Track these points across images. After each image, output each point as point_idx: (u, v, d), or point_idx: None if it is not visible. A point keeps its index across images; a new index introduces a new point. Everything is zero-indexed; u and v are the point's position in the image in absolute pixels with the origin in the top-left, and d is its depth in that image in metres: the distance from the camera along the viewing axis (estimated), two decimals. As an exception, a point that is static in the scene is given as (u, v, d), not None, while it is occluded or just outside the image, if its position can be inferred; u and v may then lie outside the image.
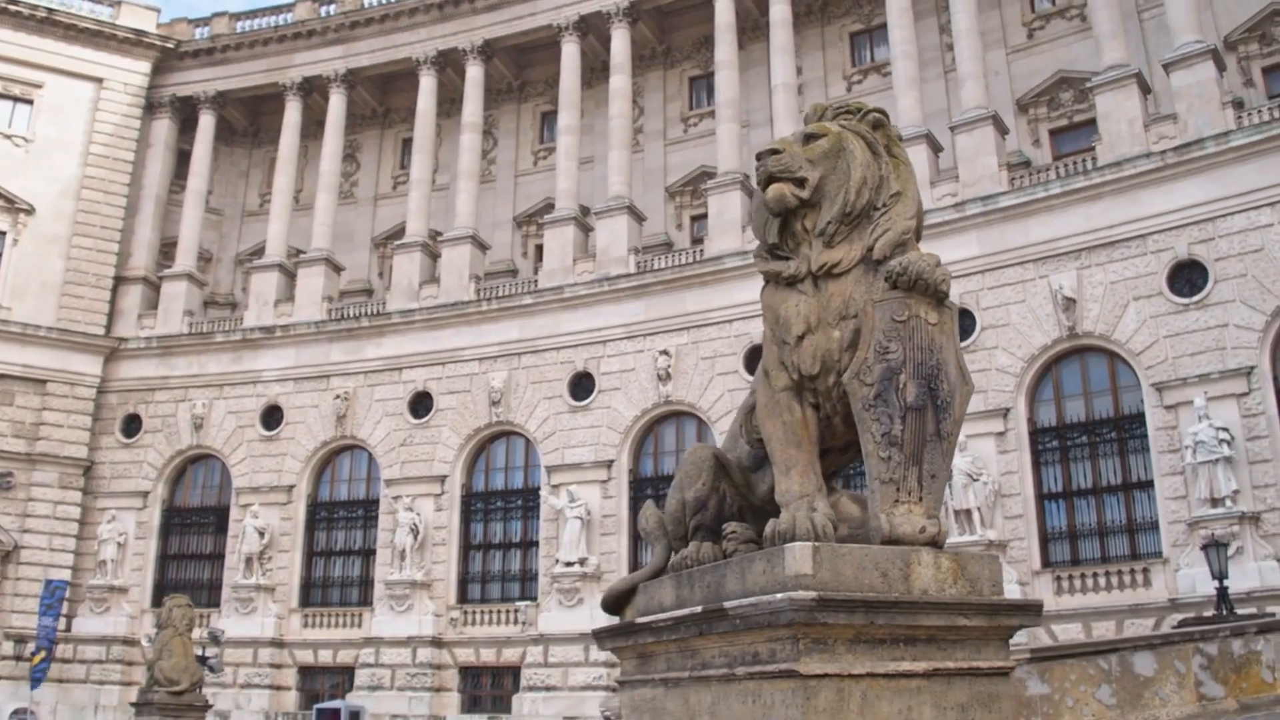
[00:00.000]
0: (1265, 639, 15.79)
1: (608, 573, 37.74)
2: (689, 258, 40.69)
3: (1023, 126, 40.07)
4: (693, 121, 46.69)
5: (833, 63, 44.41)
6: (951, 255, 35.28)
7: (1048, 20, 40.99)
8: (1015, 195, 35.52)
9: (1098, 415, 33.75)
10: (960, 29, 38.42)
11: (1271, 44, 36.27)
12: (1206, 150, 32.63)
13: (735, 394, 37.85)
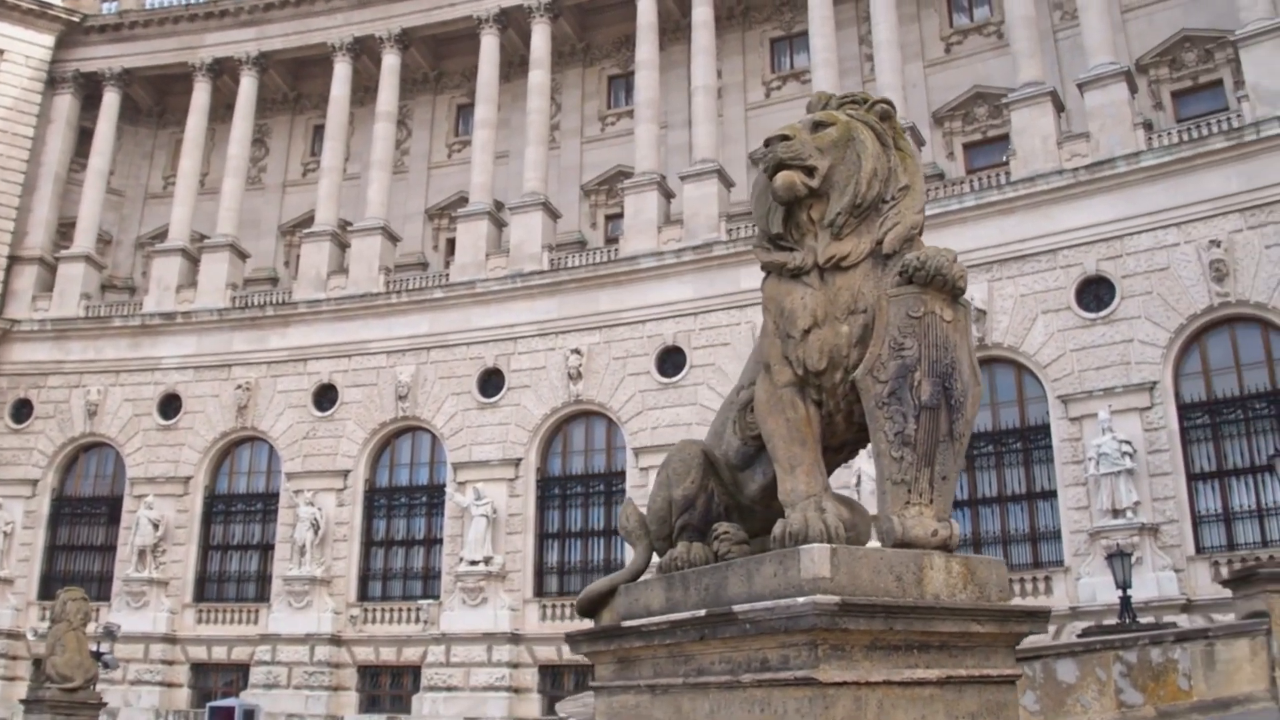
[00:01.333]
0: (1182, 648, 16.07)
1: (512, 572, 37.36)
2: (603, 257, 40.44)
3: (938, 139, 40.56)
4: (610, 120, 46.45)
5: (753, 67, 44.51)
6: (866, 264, 35.94)
7: (965, 36, 41.57)
8: (930, 206, 35.74)
9: (1004, 425, 34.23)
10: (880, 40, 38.78)
11: (1181, 69, 37.18)
12: (1117, 169, 33.33)
13: (646, 394, 37.76)
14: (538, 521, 38.52)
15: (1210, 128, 32.93)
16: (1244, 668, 16.02)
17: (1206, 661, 16.05)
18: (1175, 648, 15.91)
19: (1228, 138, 32.12)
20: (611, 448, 38.82)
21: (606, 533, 37.92)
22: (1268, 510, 30.18)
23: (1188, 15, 36.96)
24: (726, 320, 37.49)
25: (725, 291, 37.76)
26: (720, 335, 37.43)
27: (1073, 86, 36.25)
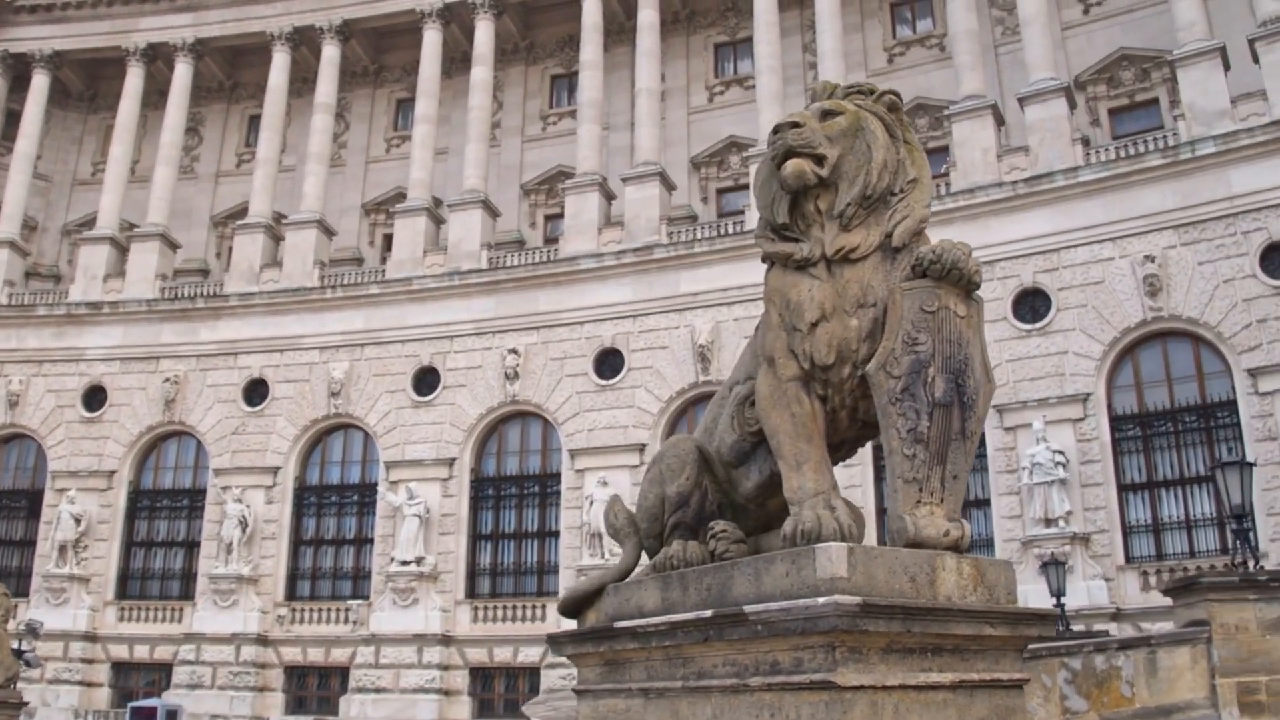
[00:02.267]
0: (1126, 655, 16.19)
1: (444, 573, 36.93)
2: (543, 257, 40.13)
3: (878, 149, 40.72)
4: (552, 120, 46.17)
5: (696, 72, 44.50)
6: (807, 270, 36.06)
7: (908, 47, 41.90)
8: (870, 214, 35.96)
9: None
10: (825, 49, 38.92)
11: (1118, 86, 37.76)
12: (1056, 183, 33.76)
13: (584, 396, 37.54)
14: (471, 522, 38.12)
15: (1147, 145, 33.47)
16: (1185, 675, 16.19)
17: (1149, 669, 16.19)
18: (1119, 655, 16.04)
19: (1164, 155, 32.66)
20: (547, 449, 38.54)
21: (541, 534, 37.64)
22: (1195, 522, 30.70)
23: (1126, 34, 37.57)
24: (666, 323, 37.41)
25: (665, 295, 37.69)
26: (659, 338, 37.33)
27: (1013, 100, 36.70)
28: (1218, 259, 31.15)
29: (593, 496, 35.48)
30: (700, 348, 36.42)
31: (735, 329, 36.42)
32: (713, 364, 36.32)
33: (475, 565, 37.79)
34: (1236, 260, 30.91)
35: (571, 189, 40.53)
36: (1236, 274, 30.82)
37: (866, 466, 32.31)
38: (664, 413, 36.82)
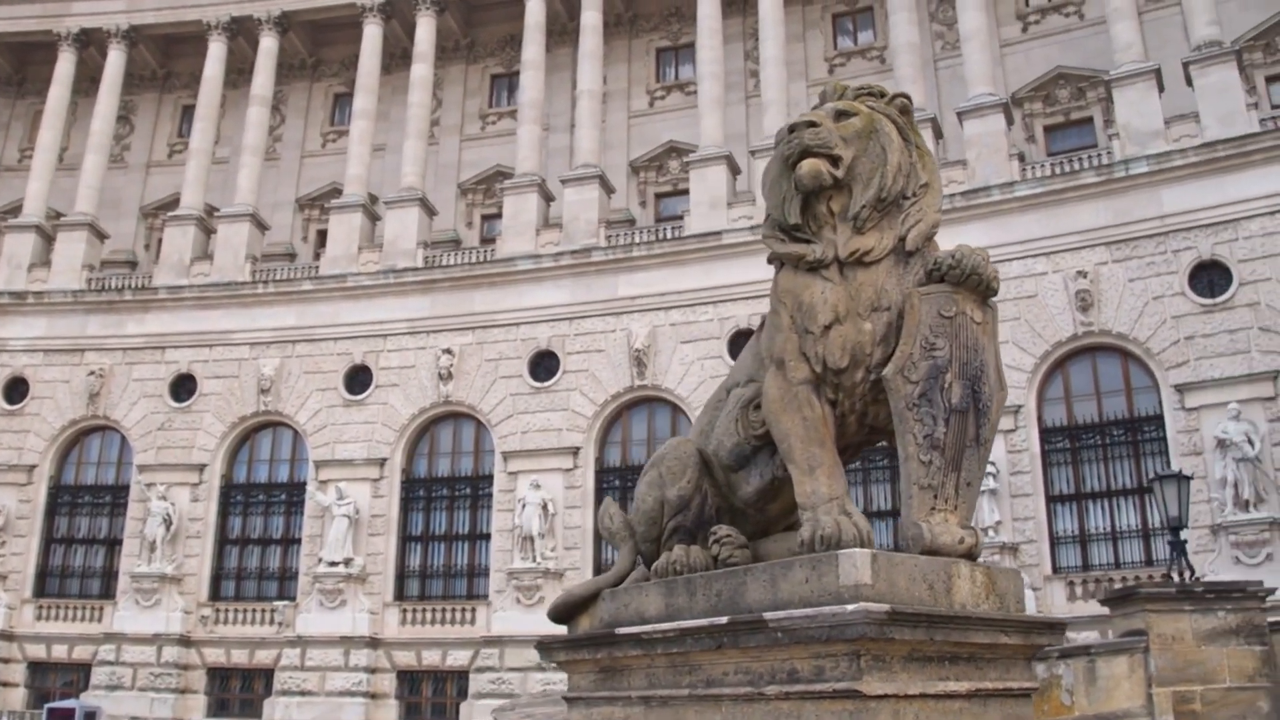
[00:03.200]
0: (1066, 664, 16.39)
1: (373, 574, 36.44)
2: (479, 256, 39.80)
3: (817, 159, 40.97)
4: (491, 120, 45.84)
5: (637, 76, 44.46)
6: (746, 276, 35.99)
7: (849, 58, 42.23)
8: (810, 223, 36.18)
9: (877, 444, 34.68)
10: (767, 57, 39.07)
11: (1055, 104, 38.38)
12: (992, 197, 34.19)
13: (518, 398, 37.31)
14: (401, 523, 37.64)
15: (1081, 162, 34.03)
16: (1123, 684, 16.42)
17: (1088, 677, 16.40)
18: (1059, 664, 16.22)
19: (1098, 173, 33.22)
20: (480, 451, 38.19)
21: (472, 537, 37.29)
22: (1121, 533, 31.23)
23: (1064, 54, 38.20)
24: (602, 327, 37.29)
25: (602, 298, 37.58)
26: (595, 341, 37.21)
27: (951, 114, 37.11)
28: (1148, 276, 31.74)
29: (525, 499, 35.31)
30: (637, 352, 36.35)
31: (672, 334, 36.46)
32: (649, 368, 36.29)
33: (405, 567, 37.34)
34: (1166, 278, 31.52)
35: (510, 189, 40.25)
36: (1166, 291, 31.43)
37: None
38: (598, 416, 36.70)
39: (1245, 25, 35.17)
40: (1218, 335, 30.55)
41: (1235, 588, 17.26)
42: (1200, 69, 32.74)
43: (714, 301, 36.45)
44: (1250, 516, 28.54)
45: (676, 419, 36.59)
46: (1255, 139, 31.40)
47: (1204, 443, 29.69)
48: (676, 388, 36.16)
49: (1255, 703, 16.41)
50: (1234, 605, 16.80)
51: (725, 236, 36.80)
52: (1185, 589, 16.95)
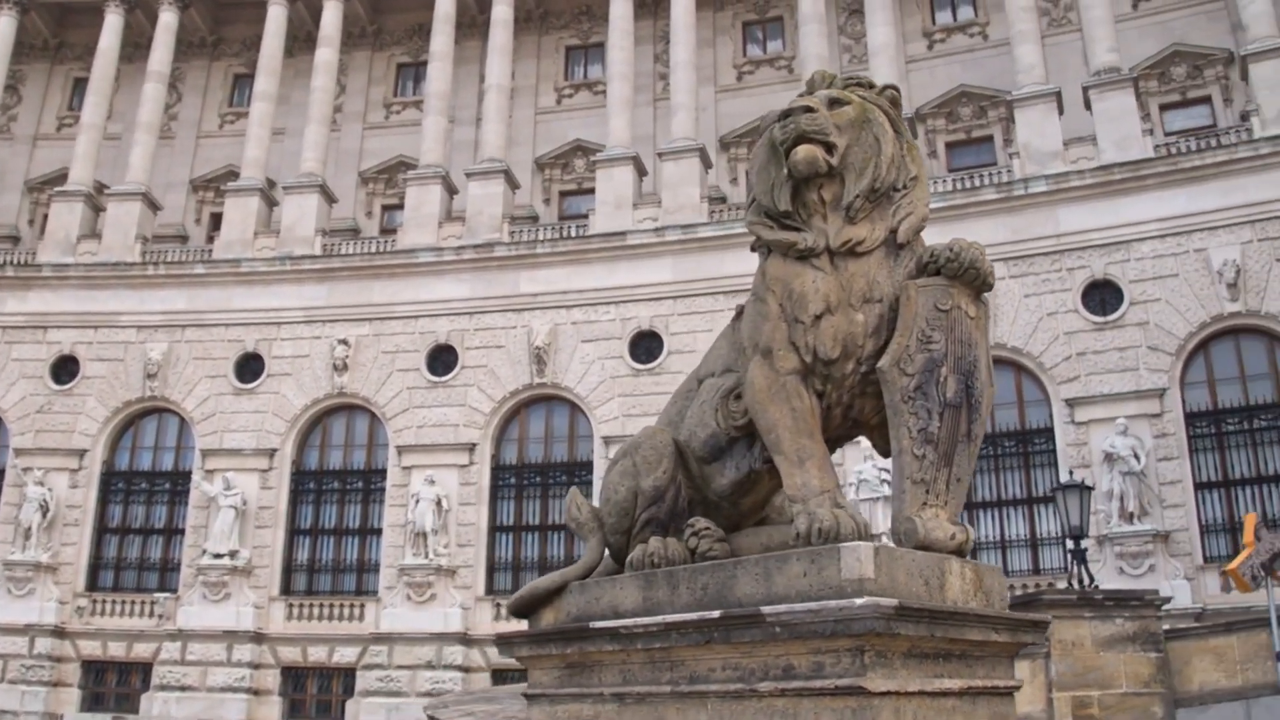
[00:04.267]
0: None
1: (259, 567, 35.55)
2: (379, 247, 39.12)
3: (723, 163, 41.25)
4: (396, 109, 45.11)
5: (546, 73, 44.17)
6: (649, 278, 36.18)
7: (758, 66, 42.49)
8: (714, 227, 36.42)
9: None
10: (678, 60, 39.13)
11: (957, 121, 39.04)
12: (894, 209, 34.61)
13: (414, 392, 36.77)
14: (290, 516, 36.79)
15: (982, 179, 34.74)
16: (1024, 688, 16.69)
17: (990, 684, 16.66)
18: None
19: (998, 190, 33.93)
20: (373, 444, 37.56)
21: (363, 531, 36.61)
22: (1010, 542, 31.94)
23: (967, 72, 38.96)
24: (503, 323, 36.96)
25: (503, 293, 37.25)
26: (495, 337, 36.86)
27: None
28: (1043, 293, 32.51)
29: (419, 495, 34.81)
30: (537, 349, 36.08)
31: (573, 332, 36.29)
32: (548, 366, 36.06)
33: (292, 561, 36.50)
34: (1060, 295, 32.32)
35: (413, 180, 39.65)
36: (1060, 308, 32.23)
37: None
38: (496, 413, 36.35)
39: (1142, 54, 36.24)
40: (1108, 352, 31.41)
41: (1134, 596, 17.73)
42: (1099, 94, 33.63)
43: (616, 302, 36.37)
44: (1135, 528, 29.39)
45: (575, 418, 36.46)
46: (1149, 164, 32.36)
47: (1092, 456, 30.47)
48: (576, 386, 35.98)
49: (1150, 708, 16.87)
50: (1132, 613, 17.25)
51: (630, 237, 36.75)
52: (1086, 596, 17.34)
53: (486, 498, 35.79)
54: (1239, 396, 30.91)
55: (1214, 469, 30.67)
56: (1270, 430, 30.44)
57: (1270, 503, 29.86)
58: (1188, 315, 31.06)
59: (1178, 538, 29.67)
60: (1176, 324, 31.10)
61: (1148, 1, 37.33)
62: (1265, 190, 31.08)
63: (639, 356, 35.92)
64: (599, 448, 35.27)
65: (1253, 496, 30.13)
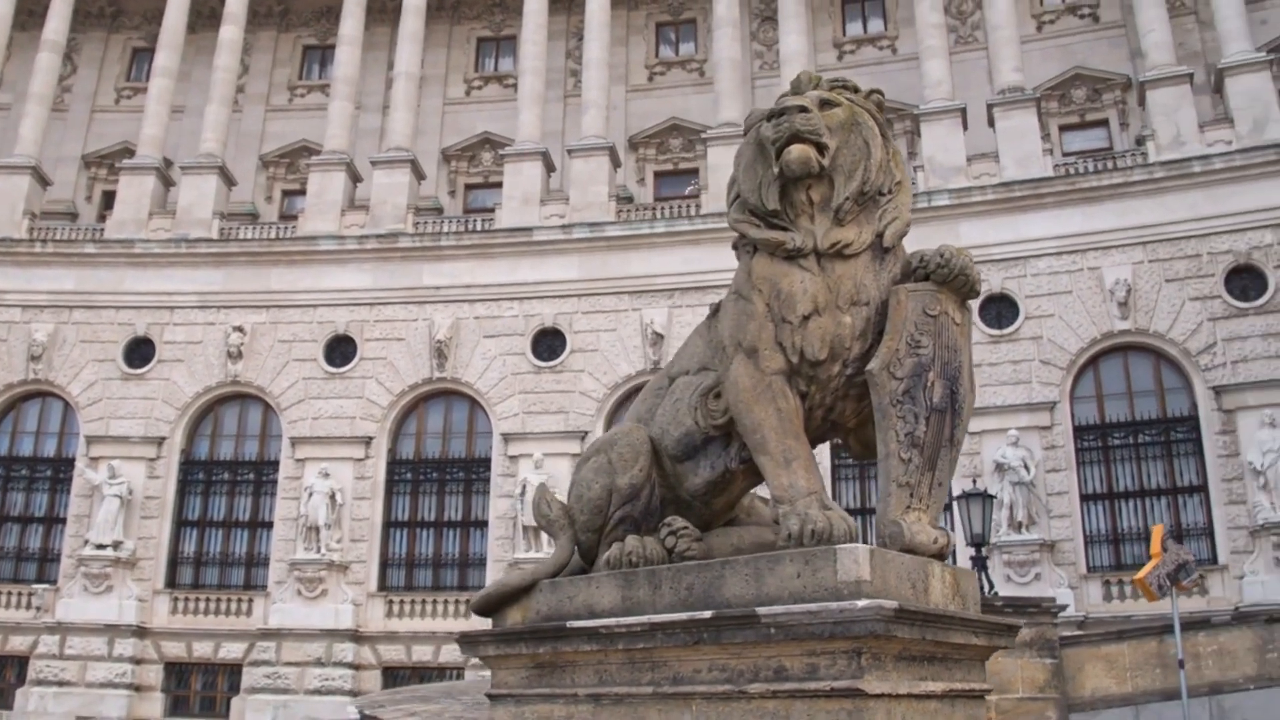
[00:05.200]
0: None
1: (144, 559, 34.52)
2: (279, 233, 38.29)
3: (631, 163, 41.25)
4: (301, 92, 44.17)
5: (456, 63, 43.68)
6: (554, 275, 36.01)
7: (669, 68, 42.57)
8: (622, 227, 36.43)
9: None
10: (590, 58, 39.02)
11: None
12: (800, 216, 34.98)
13: (311, 382, 36.08)
14: (177, 507, 35.80)
15: (887, 190, 35.19)
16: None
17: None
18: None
19: (904, 202, 34.39)
20: (266, 435, 36.71)
21: (252, 524, 35.78)
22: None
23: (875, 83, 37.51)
24: (404, 315, 36.46)
25: (406, 285, 36.76)
26: (396, 329, 36.35)
27: (765, 132, 37.77)
28: (944, 304, 33.05)
29: (312, 488, 34.16)
30: (438, 343, 35.67)
31: (475, 327, 35.97)
32: (449, 360, 35.68)
33: (178, 553, 35.50)
34: (960, 307, 32.89)
35: (317, 166, 38.89)
36: (959, 320, 32.79)
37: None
38: (394, 406, 35.85)
39: (1045, 75, 37.18)
40: (1002, 365, 32.09)
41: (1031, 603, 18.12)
42: (1003, 112, 34.38)
43: (520, 298, 36.15)
44: (1023, 538, 30.08)
45: (475, 414, 36.14)
46: (1048, 183, 33.19)
47: (984, 466, 31.05)
48: (477, 382, 35.66)
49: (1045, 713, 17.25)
50: (1029, 620, 17.60)
51: (536, 233, 36.55)
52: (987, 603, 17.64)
53: (382, 492, 35.27)
54: (1125, 412, 31.86)
55: (1099, 481, 31.57)
56: (1154, 445, 31.44)
57: (1151, 515, 30.80)
58: (1080, 331, 31.91)
59: (1063, 547, 30.47)
60: (1069, 339, 31.92)
61: (1052, 24, 38.30)
62: (1158, 213, 32.09)
63: (541, 354, 35.73)
64: (498, 444, 35.03)
65: (1135, 509, 31.10)
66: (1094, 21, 38.29)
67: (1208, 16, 35.62)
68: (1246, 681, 17.01)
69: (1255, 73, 32.67)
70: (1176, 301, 31.38)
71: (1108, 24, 38.01)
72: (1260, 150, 31.49)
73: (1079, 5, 38.77)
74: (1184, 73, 33.54)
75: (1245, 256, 31.05)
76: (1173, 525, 29.22)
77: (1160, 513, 30.71)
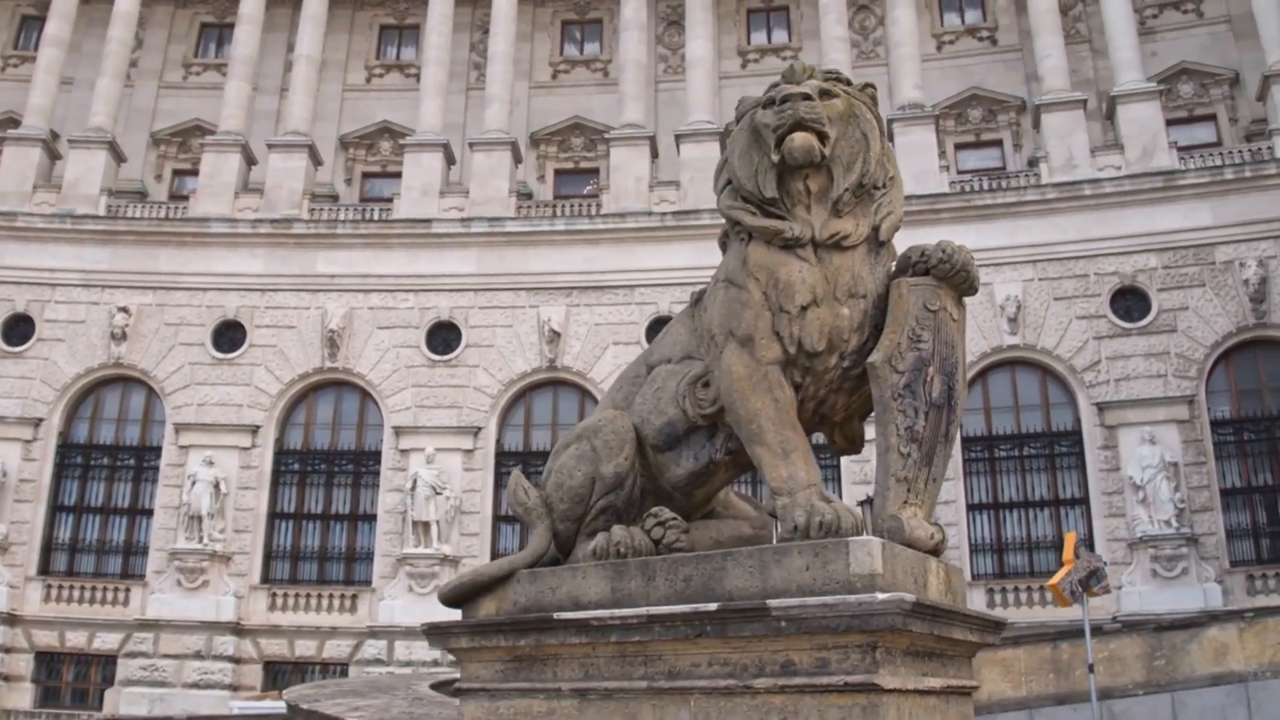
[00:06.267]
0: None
1: (16, 544, 33.33)
2: (169, 213, 37.22)
3: (532, 160, 41.04)
4: (196, 70, 42.93)
5: (358, 49, 42.92)
6: (452, 268, 35.70)
7: (573, 66, 42.44)
8: (522, 223, 36.27)
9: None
10: (495, 51, 38.77)
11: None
12: (701, 220, 35.10)
13: (197, 368, 35.19)
14: (53, 491, 34.57)
15: (788, 199, 35.74)
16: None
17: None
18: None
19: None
20: (150, 420, 35.67)
21: (132, 511, 34.71)
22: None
23: (778, 92, 39.77)
24: (296, 302, 35.78)
25: (300, 272, 36.09)
26: (287, 317, 35.65)
27: (666, 135, 37.98)
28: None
29: (196, 476, 33.35)
30: (331, 333, 35.08)
31: (370, 318, 35.49)
32: (341, 350, 35.12)
33: (53, 539, 34.25)
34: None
35: (211, 146, 37.92)
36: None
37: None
38: (284, 395, 35.16)
39: (944, 94, 38.02)
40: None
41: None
42: (903, 128, 35.03)
43: (416, 290, 35.77)
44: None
45: (366, 405, 35.64)
46: (944, 199, 33.95)
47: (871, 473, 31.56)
48: (369, 373, 35.16)
49: (942, 718, 17.62)
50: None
51: (435, 225, 36.21)
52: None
53: (268, 483, 34.55)
54: (1012, 424, 32.72)
55: (985, 492, 32.36)
56: (1039, 458, 32.35)
57: (1035, 526, 31.74)
58: (970, 345, 32.38)
59: (948, 555, 30.95)
60: (961, 352, 32.62)
61: (951, 45, 39.16)
62: (1048, 233, 33.06)
63: (436, 348, 35.40)
64: (389, 438, 34.59)
65: (1019, 519, 31.96)
66: (992, 44, 39.28)
67: (1101, 46, 36.79)
68: (1135, 687, 17.61)
69: (1146, 102, 33.87)
70: (1064, 319, 32.34)
71: (1005, 47, 39.02)
72: (1148, 177, 32.65)
73: (978, 28, 39.77)
74: (1078, 98, 34.61)
75: (1130, 279, 32.15)
76: (1055, 536, 30.09)
77: (1044, 524, 31.65)
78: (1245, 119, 36.13)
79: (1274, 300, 31.39)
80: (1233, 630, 17.99)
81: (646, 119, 38.17)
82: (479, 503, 34.01)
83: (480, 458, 34.43)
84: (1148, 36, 36.57)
